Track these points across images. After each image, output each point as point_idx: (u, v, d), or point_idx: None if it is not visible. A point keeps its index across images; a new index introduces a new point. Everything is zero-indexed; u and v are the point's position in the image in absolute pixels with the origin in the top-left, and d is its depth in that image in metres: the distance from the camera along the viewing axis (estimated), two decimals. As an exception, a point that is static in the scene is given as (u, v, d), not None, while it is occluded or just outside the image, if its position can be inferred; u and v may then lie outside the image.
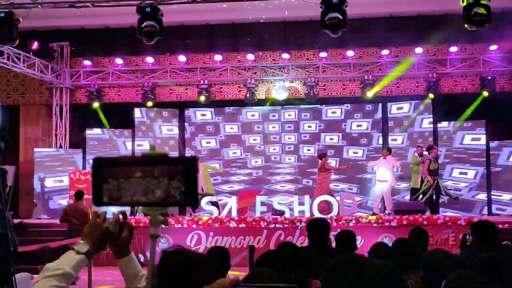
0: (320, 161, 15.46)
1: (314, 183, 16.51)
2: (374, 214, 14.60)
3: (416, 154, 15.42)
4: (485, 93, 16.40)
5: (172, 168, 1.56)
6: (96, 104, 17.56)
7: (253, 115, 18.21)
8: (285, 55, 17.25)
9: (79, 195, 12.64)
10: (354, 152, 17.70)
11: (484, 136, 16.61)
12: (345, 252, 5.11)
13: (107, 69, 17.99)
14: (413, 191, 15.20)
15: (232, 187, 17.81)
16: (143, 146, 17.73)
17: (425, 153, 15.04)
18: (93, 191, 1.63)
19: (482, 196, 16.44)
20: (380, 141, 17.55)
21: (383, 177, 15.22)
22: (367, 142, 17.68)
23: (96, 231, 2.19)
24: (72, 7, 12.85)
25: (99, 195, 1.62)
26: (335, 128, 17.90)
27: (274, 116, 18.17)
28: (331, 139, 17.88)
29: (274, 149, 18.11)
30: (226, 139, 18.24)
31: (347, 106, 17.84)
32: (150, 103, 17.50)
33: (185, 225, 13.84)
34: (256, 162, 18.12)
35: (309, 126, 18.04)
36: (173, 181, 1.55)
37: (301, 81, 17.62)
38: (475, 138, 16.71)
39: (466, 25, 11.28)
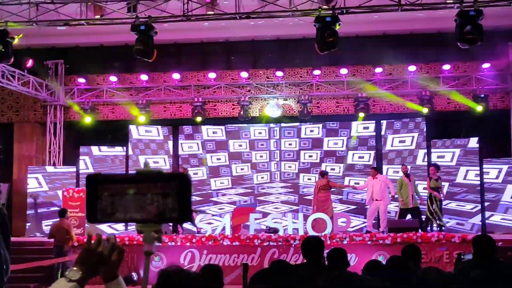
0: (321, 178, 15.46)
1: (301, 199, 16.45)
2: (367, 232, 14.60)
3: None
4: (479, 108, 16.44)
5: (166, 185, 1.57)
6: (88, 120, 17.54)
7: (246, 135, 18.17)
8: (279, 73, 17.31)
9: (62, 213, 13.09)
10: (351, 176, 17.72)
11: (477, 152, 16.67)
12: (337, 269, 5.11)
13: (101, 87, 18.01)
14: (402, 212, 15.20)
15: (222, 208, 17.68)
16: (138, 163, 17.70)
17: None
18: (87, 208, 1.63)
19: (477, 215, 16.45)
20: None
21: (376, 196, 15.25)
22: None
23: (90, 256, 2.08)
24: (67, 25, 12.90)
25: (93, 212, 1.63)
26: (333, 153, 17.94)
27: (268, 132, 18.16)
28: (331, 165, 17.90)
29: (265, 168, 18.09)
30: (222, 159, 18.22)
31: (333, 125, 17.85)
32: (144, 120, 17.49)
33: (179, 243, 13.79)
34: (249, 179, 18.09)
35: (307, 146, 18.05)
36: (167, 198, 1.56)
37: (294, 99, 17.67)
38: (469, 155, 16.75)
39: (458, 44, 11.41)
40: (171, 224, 15.20)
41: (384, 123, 17.52)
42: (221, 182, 18.05)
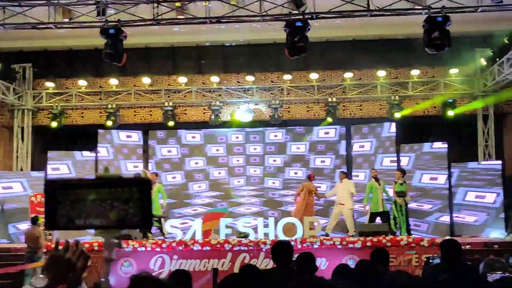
0: (309, 181, 15.55)
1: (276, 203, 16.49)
2: (326, 235, 14.70)
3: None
4: (450, 113, 16.68)
5: (127, 190, 1.54)
6: (54, 124, 17.34)
7: (222, 139, 18.14)
8: (250, 78, 17.32)
9: (34, 220, 13.01)
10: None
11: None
12: (306, 273, 5.12)
13: (70, 91, 17.82)
14: (372, 216, 15.31)
15: (196, 209, 17.67)
16: (103, 168, 17.56)
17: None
18: (46, 215, 1.60)
19: (446, 218, 16.63)
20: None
21: (341, 200, 15.37)
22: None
23: (57, 263, 2.01)
24: (35, 28, 12.72)
25: (52, 219, 1.59)
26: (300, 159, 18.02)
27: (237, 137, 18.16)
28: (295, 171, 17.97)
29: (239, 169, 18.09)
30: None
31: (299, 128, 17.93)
32: (112, 124, 17.33)
33: (149, 248, 13.66)
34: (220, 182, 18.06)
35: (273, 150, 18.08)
36: (128, 203, 1.54)
37: (265, 104, 17.69)
38: (437, 159, 16.92)
39: (426, 49, 11.54)
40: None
41: (353, 128, 17.65)
42: (198, 186, 18.00)
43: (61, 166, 17.41)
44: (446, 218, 16.61)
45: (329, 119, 17.12)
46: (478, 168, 16.68)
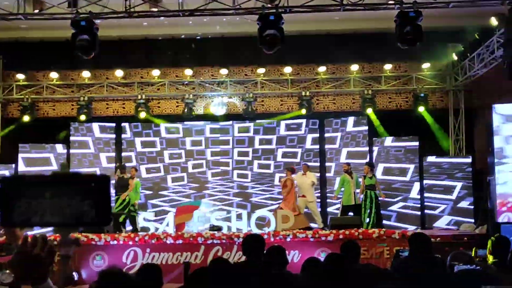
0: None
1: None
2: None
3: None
4: (421, 109, 16.86)
5: (84, 187, 1.53)
6: (26, 118, 17.14)
7: (197, 132, 18.12)
8: (224, 71, 17.30)
9: None
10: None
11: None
12: (276, 267, 5.14)
13: (41, 83, 17.61)
14: (344, 208, 15.43)
15: (171, 202, 17.63)
16: (82, 162, 17.44)
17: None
18: (2, 211, 1.58)
19: (417, 211, 16.82)
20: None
21: (303, 192, 15.52)
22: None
23: (24, 258, 1.95)
24: (4, 19, 12.54)
25: (7, 216, 1.57)
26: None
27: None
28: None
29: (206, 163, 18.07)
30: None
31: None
32: (85, 117, 17.19)
33: (121, 242, 13.61)
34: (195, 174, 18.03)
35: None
36: (85, 200, 1.52)
37: (239, 97, 17.68)
38: (409, 153, 17.10)
39: (399, 44, 11.61)
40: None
41: (326, 121, 17.73)
42: (176, 179, 17.97)
43: (32, 159, 17.23)
44: (416, 211, 16.80)
45: (303, 111, 17.14)
46: (448, 162, 16.90)
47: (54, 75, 17.43)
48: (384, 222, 15.70)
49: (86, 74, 17.38)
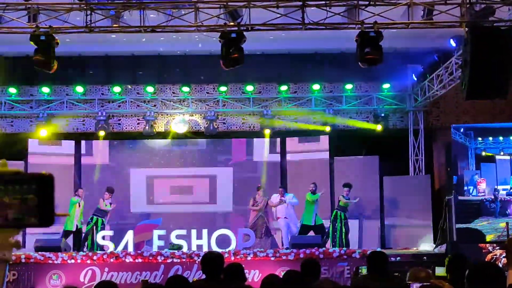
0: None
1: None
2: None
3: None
4: (379, 127, 17.05)
5: (26, 187, 1.46)
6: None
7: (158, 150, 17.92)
8: (185, 88, 17.23)
9: None
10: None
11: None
12: (235, 284, 5.08)
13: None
14: (304, 227, 15.42)
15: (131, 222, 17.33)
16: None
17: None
18: None
19: (376, 231, 16.92)
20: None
21: (284, 213, 15.48)
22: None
23: None
24: (-39, 33, 12.29)
25: None
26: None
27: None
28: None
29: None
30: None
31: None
32: (44, 134, 16.90)
33: (79, 261, 13.38)
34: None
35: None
36: (27, 201, 1.46)
37: (201, 115, 17.62)
38: (369, 173, 17.24)
39: (360, 64, 11.73)
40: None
41: (287, 140, 17.76)
42: (137, 197, 17.67)
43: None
44: (376, 231, 16.89)
45: (267, 131, 17.15)
46: (408, 182, 17.11)
47: (12, 90, 17.10)
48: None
49: (45, 89, 17.09)
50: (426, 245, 15.73)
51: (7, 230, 1.56)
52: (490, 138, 16.95)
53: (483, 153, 16.81)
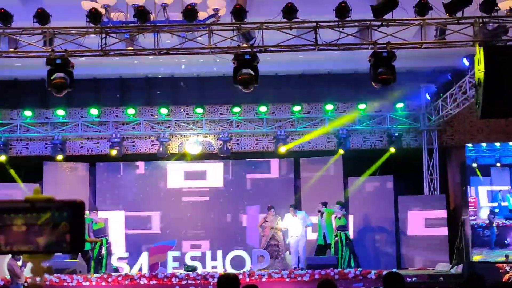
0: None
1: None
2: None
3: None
4: (392, 149, 17.00)
5: (57, 214, 1.48)
6: (2, 158, 16.90)
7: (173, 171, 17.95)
8: (199, 110, 17.30)
9: None
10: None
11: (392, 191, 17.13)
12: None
13: (14, 121, 17.42)
14: (319, 248, 15.40)
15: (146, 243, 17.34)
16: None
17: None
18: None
19: (392, 250, 16.81)
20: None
21: (298, 232, 15.41)
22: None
23: None
24: (-21, 57, 12.45)
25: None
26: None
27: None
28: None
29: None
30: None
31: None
32: (60, 157, 17.00)
33: (94, 283, 13.38)
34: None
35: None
36: (58, 227, 1.48)
37: (214, 136, 17.67)
38: (384, 192, 17.17)
39: (373, 84, 11.74)
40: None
41: (301, 161, 17.74)
42: (150, 218, 17.69)
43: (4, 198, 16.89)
44: (392, 251, 16.77)
45: (283, 149, 17.12)
46: (423, 202, 17.00)
47: (28, 113, 17.23)
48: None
49: (60, 112, 17.22)
50: (442, 265, 15.57)
51: (39, 256, 1.57)
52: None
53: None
